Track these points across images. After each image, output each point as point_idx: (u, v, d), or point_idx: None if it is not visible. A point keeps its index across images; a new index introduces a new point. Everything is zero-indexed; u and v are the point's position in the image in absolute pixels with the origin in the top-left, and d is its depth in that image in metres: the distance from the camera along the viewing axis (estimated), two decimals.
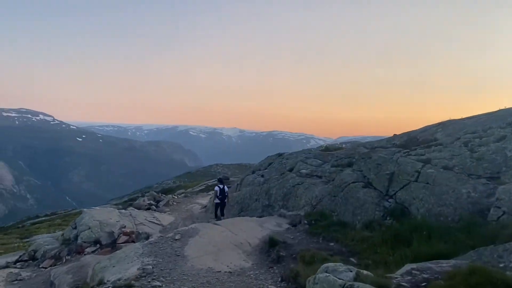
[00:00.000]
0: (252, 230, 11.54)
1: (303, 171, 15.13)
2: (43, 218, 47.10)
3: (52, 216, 47.57)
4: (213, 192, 16.35)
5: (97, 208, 16.68)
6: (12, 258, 14.95)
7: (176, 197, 23.82)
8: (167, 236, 10.60)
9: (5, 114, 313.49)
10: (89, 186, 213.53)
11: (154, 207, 20.08)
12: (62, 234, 15.70)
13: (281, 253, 9.28)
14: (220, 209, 14.74)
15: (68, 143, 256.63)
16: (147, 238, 13.17)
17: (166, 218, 17.64)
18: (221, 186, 14.61)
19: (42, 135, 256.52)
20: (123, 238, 12.78)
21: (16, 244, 26.24)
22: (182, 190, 45.48)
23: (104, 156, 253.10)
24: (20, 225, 44.73)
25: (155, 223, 16.18)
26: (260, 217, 13.94)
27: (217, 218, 14.46)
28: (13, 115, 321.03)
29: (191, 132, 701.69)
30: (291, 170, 15.97)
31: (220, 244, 10.10)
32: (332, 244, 10.03)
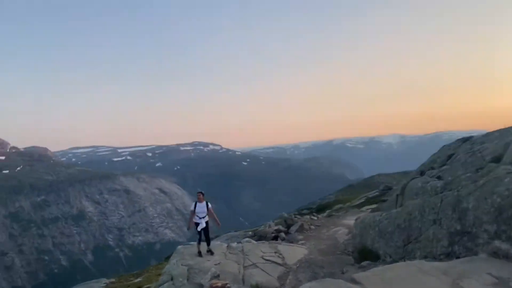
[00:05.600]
0: None
1: None
2: None
3: None
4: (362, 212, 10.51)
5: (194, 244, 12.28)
6: None
7: (315, 218, 18.06)
8: None
9: (182, 148, 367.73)
10: (257, 206, 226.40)
11: (283, 234, 14.74)
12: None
13: None
14: (204, 235, 11.16)
15: (236, 168, 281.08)
16: None
17: (294, 252, 12.07)
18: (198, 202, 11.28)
19: (214, 163, 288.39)
20: None
21: None
22: (340, 205, 39.66)
23: (268, 176, 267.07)
24: None
25: (275, 263, 10.80)
26: (448, 256, 7.04)
27: (199, 253, 11.14)
28: (188, 148, 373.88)
29: (348, 144, 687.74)
30: (497, 160, 8.50)
31: None
32: None
